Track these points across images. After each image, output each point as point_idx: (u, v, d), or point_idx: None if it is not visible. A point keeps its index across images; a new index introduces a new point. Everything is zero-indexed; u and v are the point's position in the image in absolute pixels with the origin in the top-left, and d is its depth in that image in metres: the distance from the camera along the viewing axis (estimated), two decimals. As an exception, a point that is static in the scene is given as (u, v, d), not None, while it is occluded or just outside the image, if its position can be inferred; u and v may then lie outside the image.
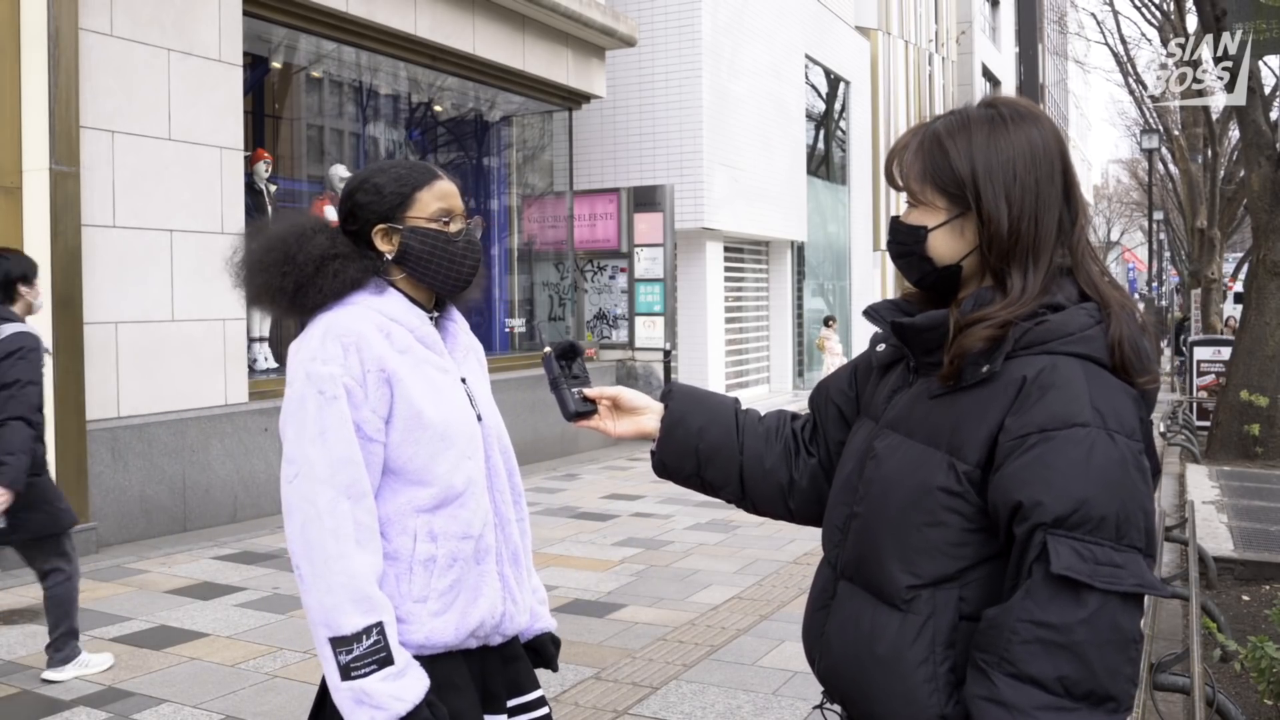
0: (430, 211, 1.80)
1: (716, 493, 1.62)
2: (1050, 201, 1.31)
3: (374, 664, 1.63)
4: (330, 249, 1.77)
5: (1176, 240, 32.29)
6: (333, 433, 1.67)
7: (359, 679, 1.63)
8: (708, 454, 1.59)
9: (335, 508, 1.66)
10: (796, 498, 1.59)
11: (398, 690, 1.64)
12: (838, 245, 19.45)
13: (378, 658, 1.63)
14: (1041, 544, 1.18)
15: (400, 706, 1.63)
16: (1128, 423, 1.23)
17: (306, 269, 1.75)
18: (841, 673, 1.37)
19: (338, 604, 1.64)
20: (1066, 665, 1.16)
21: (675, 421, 1.60)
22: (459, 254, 1.81)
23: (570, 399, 1.64)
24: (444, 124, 12.14)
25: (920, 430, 1.33)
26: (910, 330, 1.35)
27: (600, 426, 1.65)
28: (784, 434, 1.61)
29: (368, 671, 1.63)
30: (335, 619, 1.64)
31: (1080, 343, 1.26)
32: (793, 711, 3.88)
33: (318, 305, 1.76)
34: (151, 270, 6.95)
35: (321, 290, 1.75)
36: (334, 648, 1.64)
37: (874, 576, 1.34)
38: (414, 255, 1.79)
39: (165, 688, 4.14)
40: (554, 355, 1.66)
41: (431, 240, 1.79)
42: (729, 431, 1.59)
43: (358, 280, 1.77)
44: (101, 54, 6.64)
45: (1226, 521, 6.99)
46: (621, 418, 1.65)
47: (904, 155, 1.39)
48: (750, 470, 1.59)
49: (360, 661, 1.63)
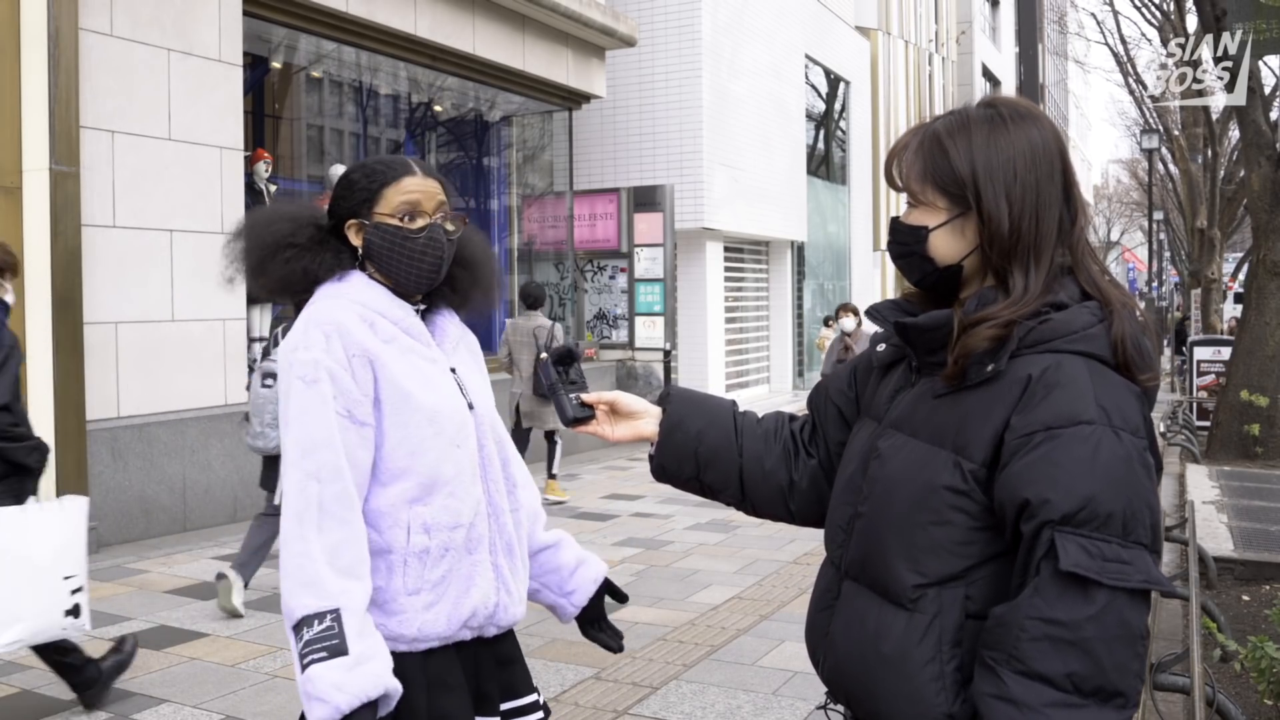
0: (393, 207, 1.79)
1: (716, 496, 1.62)
2: (1050, 200, 1.32)
3: (324, 651, 1.55)
4: (287, 238, 1.78)
5: (1176, 240, 32.29)
6: (309, 415, 1.66)
7: (308, 666, 1.55)
8: (707, 457, 1.59)
9: (304, 489, 1.64)
10: (797, 499, 1.59)
11: (341, 681, 1.53)
12: (838, 245, 19.45)
13: (329, 645, 1.55)
14: (1049, 541, 1.19)
15: (339, 698, 1.52)
16: (1132, 420, 1.24)
17: (261, 252, 1.79)
18: (847, 672, 1.37)
19: (291, 588, 1.60)
20: (1075, 662, 1.17)
21: (673, 425, 1.60)
22: (417, 251, 1.79)
23: (568, 405, 1.64)
24: (444, 124, 12.14)
25: (925, 429, 1.33)
26: (914, 330, 1.35)
27: (598, 432, 1.65)
28: (783, 435, 1.61)
29: (316, 659, 1.54)
30: (290, 603, 1.60)
31: (1084, 341, 1.27)
32: (793, 711, 3.88)
33: (270, 290, 1.80)
34: (151, 270, 6.95)
35: (270, 275, 1.78)
36: (294, 635, 1.59)
37: (879, 576, 1.34)
38: (375, 251, 1.79)
39: (165, 688, 4.14)
40: (551, 361, 1.66)
41: (390, 237, 1.78)
42: (728, 434, 1.59)
43: (310, 272, 1.78)
44: (101, 54, 6.64)
45: (1226, 521, 6.99)
46: (619, 422, 1.65)
47: (904, 155, 1.39)
48: (750, 472, 1.58)
49: (310, 647, 1.55)
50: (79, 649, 3.90)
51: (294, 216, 1.83)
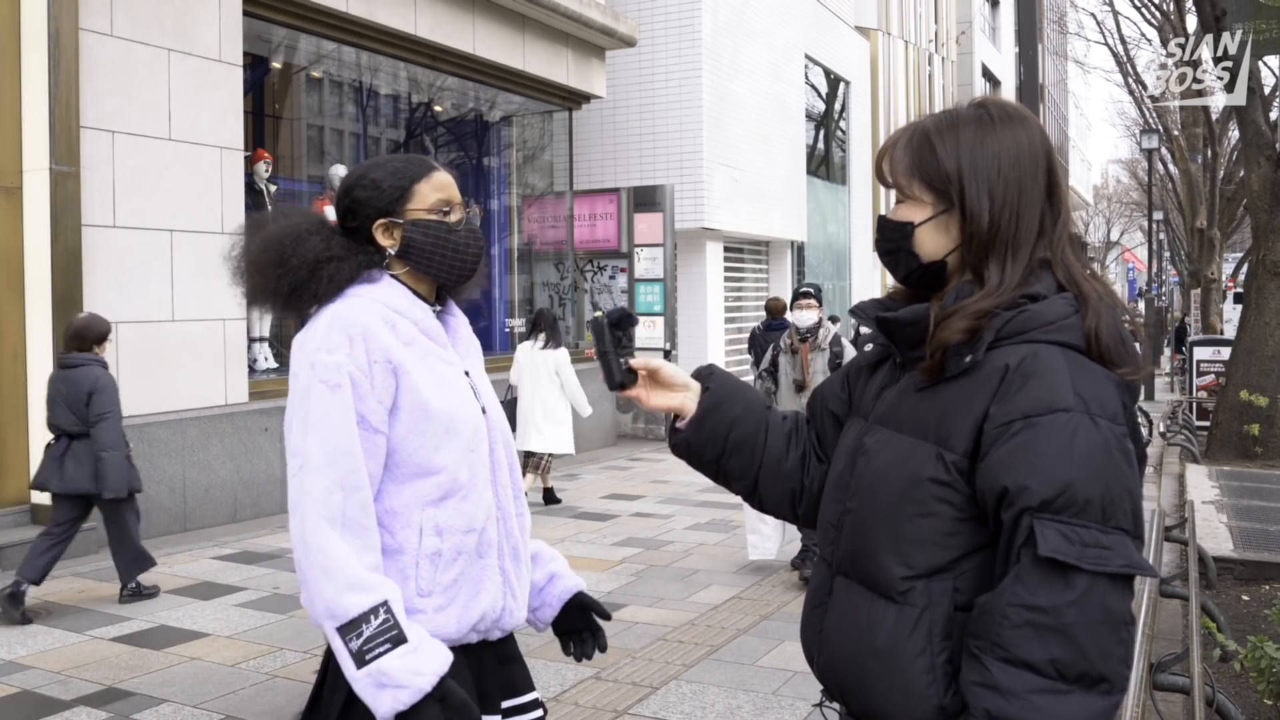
0: (430, 203, 1.79)
1: (730, 483, 1.62)
2: (1032, 198, 1.34)
3: (387, 643, 1.59)
4: (325, 251, 1.75)
5: (1176, 240, 32.27)
6: (332, 421, 1.66)
7: (374, 660, 1.58)
8: (735, 444, 1.59)
9: (329, 498, 1.64)
10: (806, 503, 1.60)
11: (416, 664, 1.59)
12: (838, 245, 19.46)
13: (389, 636, 1.59)
14: (1029, 528, 1.20)
15: (422, 681, 1.58)
16: (1110, 407, 1.24)
17: (300, 273, 1.74)
18: (840, 667, 1.38)
19: (337, 592, 1.60)
20: (1058, 648, 1.17)
21: (713, 406, 1.59)
22: (461, 244, 1.80)
23: (617, 369, 1.62)
24: (444, 124, 12.14)
25: (908, 423, 1.35)
26: (894, 324, 1.37)
27: (637, 395, 1.64)
28: (802, 439, 1.62)
29: (382, 651, 1.58)
30: (338, 606, 1.60)
31: (1060, 331, 1.28)
32: (793, 711, 3.89)
33: (310, 306, 1.77)
34: (151, 270, 6.95)
35: (315, 294, 1.75)
36: (343, 636, 1.60)
37: (869, 570, 1.35)
38: (416, 248, 1.78)
39: (165, 688, 4.14)
40: (608, 323, 1.63)
41: (433, 232, 1.78)
42: (759, 427, 1.59)
43: (353, 279, 1.77)
44: (101, 54, 6.64)
45: (1226, 521, 6.99)
46: (656, 390, 1.64)
47: (894, 151, 1.41)
48: (767, 468, 1.59)
49: (372, 643, 1.59)
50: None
51: (317, 228, 1.80)
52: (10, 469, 6.49)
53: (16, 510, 6.46)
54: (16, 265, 6.46)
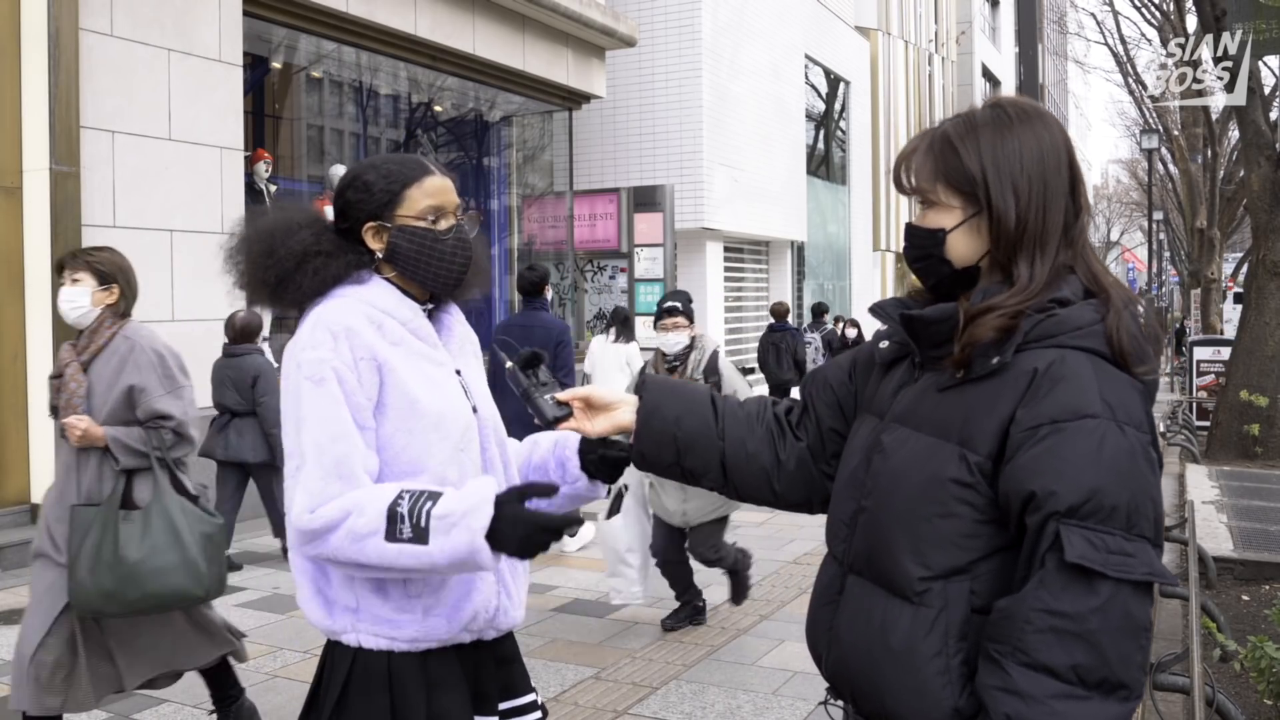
0: (419, 209, 1.77)
1: (698, 481, 1.63)
2: (1057, 193, 1.34)
3: (428, 501, 1.58)
4: (313, 245, 1.75)
5: (1176, 240, 32.29)
6: (321, 415, 1.65)
7: (428, 518, 1.56)
8: (686, 442, 1.59)
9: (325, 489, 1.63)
10: (783, 480, 1.59)
11: (465, 494, 1.57)
12: (838, 245, 19.46)
13: (423, 498, 1.58)
14: (1055, 534, 1.20)
15: (479, 496, 1.57)
16: (1135, 414, 1.25)
17: (287, 263, 1.74)
18: (851, 666, 1.38)
19: (369, 520, 1.57)
20: (1080, 653, 1.18)
21: (650, 411, 1.61)
22: (448, 252, 1.78)
23: (545, 406, 1.65)
24: (444, 124, 12.14)
25: (929, 423, 1.34)
26: (920, 322, 1.36)
27: (578, 427, 1.66)
28: (766, 419, 1.62)
29: (428, 508, 1.57)
30: (376, 520, 1.57)
31: (1088, 337, 1.28)
32: (793, 711, 3.89)
33: (297, 300, 1.76)
34: (151, 270, 6.93)
35: (300, 287, 1.74)
36: (393, 539, 1.56)
37: (885, 569, 1.34)
38: (402, 254, 1.77)
39: (165, 688, 4.13)
40: (519, 367, 1.65)
41: (419, 239, 1.76)
42: (706, 419, 1.60)
43: (339, 277, 1.76)
44: (101, 54, 6.64)
45: (1226, 521, 6.98)
46: (595, 415, 1.65)
47: (913, 158, 1.40)
48: (733, 455, 1.59)
49: (415, 512, 1.57)
50: None
51: (310, 223, 1.79)
52: (10, 469, 6.49)
53: (16, 510, 6.45)
54: (16, 265, 6.45)
